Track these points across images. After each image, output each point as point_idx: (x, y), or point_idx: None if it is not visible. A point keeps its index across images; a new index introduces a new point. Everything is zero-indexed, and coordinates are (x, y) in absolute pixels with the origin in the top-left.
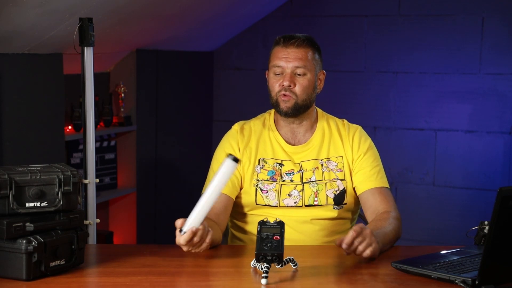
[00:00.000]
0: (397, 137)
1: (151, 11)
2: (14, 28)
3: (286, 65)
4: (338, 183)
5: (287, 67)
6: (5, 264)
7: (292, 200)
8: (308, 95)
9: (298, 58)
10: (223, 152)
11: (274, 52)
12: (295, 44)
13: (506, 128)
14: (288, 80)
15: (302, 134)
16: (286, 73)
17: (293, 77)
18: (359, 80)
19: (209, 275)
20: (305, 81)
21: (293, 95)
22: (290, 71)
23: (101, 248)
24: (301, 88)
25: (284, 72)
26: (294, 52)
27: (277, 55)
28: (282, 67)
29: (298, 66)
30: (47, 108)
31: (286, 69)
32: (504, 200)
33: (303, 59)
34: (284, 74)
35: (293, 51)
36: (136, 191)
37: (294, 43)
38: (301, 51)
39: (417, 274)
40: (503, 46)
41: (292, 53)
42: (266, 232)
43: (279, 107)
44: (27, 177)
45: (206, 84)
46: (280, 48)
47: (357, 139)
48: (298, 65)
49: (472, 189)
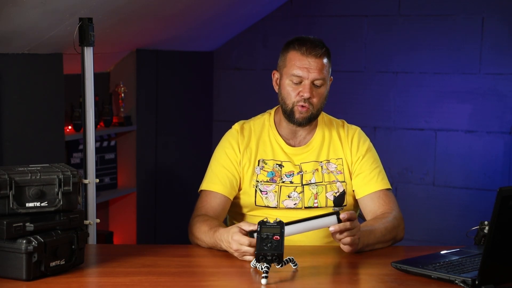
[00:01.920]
0: (397, 137)
1: (151, 11)
2: (14, 28)
3: (307, 75)
4: (338, 185)
5: (307, 77)
6: (5, 264)
7: (292, 201)
8: (322, 104)
9: (319, 70)
10: (223, 151)
11: (291, 57)
12: (316, 55)
13: (506, 128)
14: (308, 91)
15: (303, 136)
16: (305, 84)
17: (312, 88)
18: (359, 80)
19: (209, 275)
20: (322, 91)
21: (311, 107)
22: (309, 82)
23: (101, 248)
24: (318, 99)
25: (302, 81)
26: (314, 62)
27: (297, 63)
28: (302, 77)
29: (318, 78)
30: (47, 108)
31: (305, 79)
32: (504, 200)
33: (322, 70)
34: (303, 84)
35: (314, 62)
36: (136, 191)
37: (316, 55)
38: (321, 62)
39: (417, 274)
40: (503, 46)
41: (313, 64)
42: (266, 232)
43: (294, 117)
44: (27, 177)
45: (206, 84)
46: (300, 55)
47: (356, 141)
48: (318, 77)
49: (472, 189)
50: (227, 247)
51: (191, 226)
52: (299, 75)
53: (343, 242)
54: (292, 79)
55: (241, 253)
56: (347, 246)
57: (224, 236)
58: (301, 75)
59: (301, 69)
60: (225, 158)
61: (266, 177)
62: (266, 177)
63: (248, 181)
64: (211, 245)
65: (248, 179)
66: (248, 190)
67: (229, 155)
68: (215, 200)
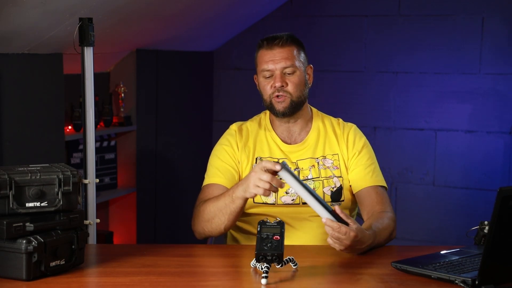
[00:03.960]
0: (397, 137)
1: (151, 11)
2: (14, 28)
3: (275, 66)
4: (334, 180)
5: (275, 68)
6: (5, 264)
7: (290, 197)
8: (301, 92)
9: (285, 58)
10: (222, 148)
11: (259, 55)
12: (279, 44)
13: (506, 128)
14: (279, 80)
15: (298, 133)
16: (275, 74)
17: (284, 77)
18: (359, 80)
19: (209, 275)
20: (295, 78)
21: (287, 94)
22: (279, 72)
23: (101, 248)
24: (293, 86)
25: (273, 74)
26: (279, 52)
27: (263, 58)
28: (271, 69)
29: (287, 66)
30: (47, 108)
31: (275, 70)
32: (504, 200)
33: (290, 57)
34: (274, 76)
35: (279, 52)
36: (136, 191)
37: (278, 43)
38: (286, 50)
39: (417, 274)
40: (503, 46)
41: (278, 54)
42: (266, 232)
43: (275, 109)
44: (27, 177)
45: (206, 84)
46: (265, 51)
47: (352, 137)
48: (286, 65)
49: (472, 189)
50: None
51: (196, 211)
52: (268, 69)
53: (328, 241)
54: (263, 74)
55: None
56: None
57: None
58: (269, 68)
59: (268, 63)
60: (224, 154)
61: None
62: None
63: None
64: (223, 204)
65: None
66: None
67: (229, 152)
68: (217, 191)
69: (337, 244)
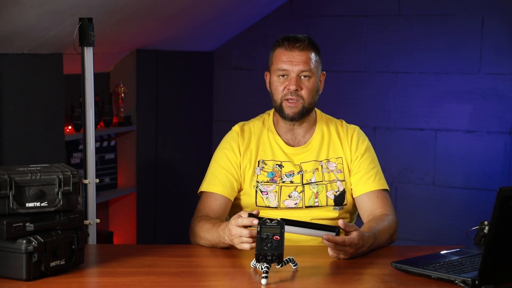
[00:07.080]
0: (397, 137)
1: (151, 11)
2: (14, 28)
3: (292, 68)
4: (338, 184)
5: (292, 70)
6: (5, 264)
7: (293, 201)
8: (313, 98)
9: (303, 62)
10: (223, 153)
11: (277, 54)
12: (300, 48)
13: (506, 128)
14: (294, 83)
15: (302, 135)
16: (291, 76)
17: (299, 81)
18: (359, 80)
19: (209, 275)
20: (310, 84)
21: (300, 99)
22: (295, 75)
23: (101, 248)
24: (307, 91)
25: (288, 75)
26: (298, 55)
27: (281, 58)
28: (287, 70)
29: (304, 70)
30: (47, 108)
31: (291, 72)
32: (504, 200)
33: (308, 62)
34: (289, 78)
35: (298, 54)
36: (136, 191)
37: (299, 47)
38: (305, 54)
39: (417, 274)
40: (503, 46)
41: (297, 56)
42: (266, 232)
43: (284, 112)
44: (27, 177)
45: (206, 84)
46: (283, 50)
47: (355, 140)
48: (303, 69)
49: (472, 189)
50: (229, 236)
51: (193, 226)
52: (284, 69)
53: (331, 255)
54: (278, 73)
55: (239, 240)
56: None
57: (227, 226)
58: (286, 68)
59: (286, 63)
60: (225, 160)
61: (266, 178)
62: (266, 178)
63: (248, 182)
64: (214, 241)
65: (249, 180)
66: (249, 190)
67: (229, 156)
68: (215, 201)
69: (341, 255)
